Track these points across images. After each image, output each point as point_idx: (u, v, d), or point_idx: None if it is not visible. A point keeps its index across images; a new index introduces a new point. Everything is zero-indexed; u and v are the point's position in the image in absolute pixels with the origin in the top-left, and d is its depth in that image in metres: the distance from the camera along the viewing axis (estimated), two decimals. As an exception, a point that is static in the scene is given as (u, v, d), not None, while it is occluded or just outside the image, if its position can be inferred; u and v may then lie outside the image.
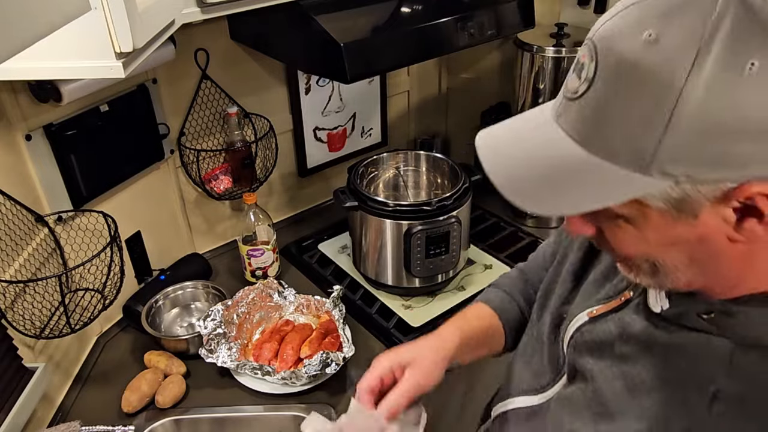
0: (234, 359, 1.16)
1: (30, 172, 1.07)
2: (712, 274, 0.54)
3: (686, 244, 0.52)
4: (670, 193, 0.47)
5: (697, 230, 0.50)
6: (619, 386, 0.62)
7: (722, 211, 0.48)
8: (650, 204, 0.49)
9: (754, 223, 0.48)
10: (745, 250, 0.51)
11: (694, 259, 0.53)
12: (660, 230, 0.51)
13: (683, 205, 0.48)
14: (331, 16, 1.12)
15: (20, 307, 1.00)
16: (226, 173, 1.48)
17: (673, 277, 0.55)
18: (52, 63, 0.83)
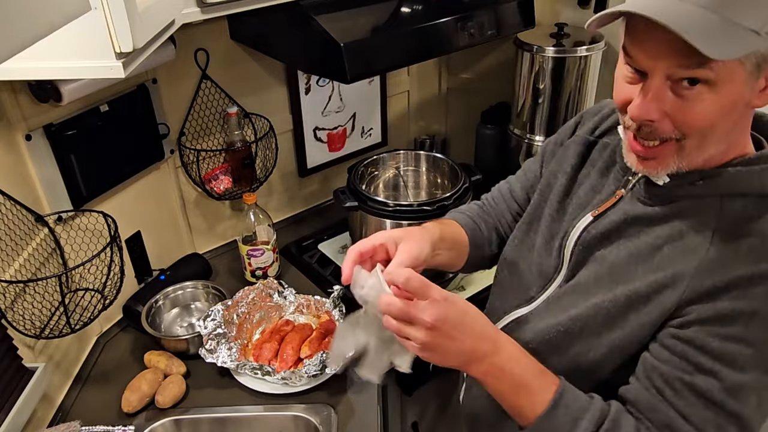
0: (234, 359, 1.16)
1: (30, 172, 1.07)
2: (729, 141, 0.67)
3: (740, 108, 0.63)
4: (763, 52, 0.59)
5: (750, 93, 0.62)
6: (632, 257, 0.72)
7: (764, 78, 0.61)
8: (745, 62, 0.60)
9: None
10: (748, 118, 0.66)
11: (736, 124, 0.65)
12: (734, 93, 0.61)
13: (762, 65, 0.61)
14: (331, 16, 1.12)
15: (20, 307, 1.00)
16: (226, 173, 1.48)
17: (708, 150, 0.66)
18: (52, 63, 0.83)
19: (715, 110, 0.62)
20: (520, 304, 0.87)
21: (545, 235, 0.87)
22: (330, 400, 1.13)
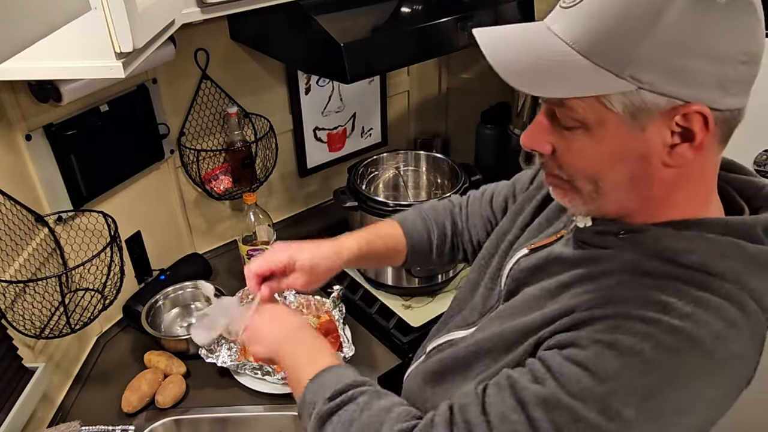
0: (234, 359, 1.16)
1: (30, 172, 1.07)
2: (642, 198, 0.60)
3: (630, 161, 0.57)
4: (631, 98, 0.53)
5: (641, 146, 0.56)
6: (543, 292, 0.69)
7: (665, 130, 0.54)
8: (612, 107, 0.54)
9: (686, 148, 0.55)
10: (673, 177, 0.58)
11: (633, 179, 0.58)
12: (612, 141, 0.56)
13: (637, 114, 0.54)
14: (331, 16, 1.12)
15: (20, 307, 1.00)
16: (226, 173, 1.48)
17: (609, 200, 0.61)
18: (52, 63, 0.83)
19: (593, 156, 0.58)
20: (460, 327, 0.84)
21: (498, 263, 0.84)
22: (330, 400, 1.13)
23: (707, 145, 0.55)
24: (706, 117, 0.53)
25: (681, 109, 0.53)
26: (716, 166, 0.62)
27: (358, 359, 1.18)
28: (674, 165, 0.56)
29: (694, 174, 0.59)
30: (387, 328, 1.31)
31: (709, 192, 0.62)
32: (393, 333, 1.29)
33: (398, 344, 1.26)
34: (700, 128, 0.53)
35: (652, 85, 0.52)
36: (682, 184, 0.59)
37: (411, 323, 1.31)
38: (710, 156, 0.59)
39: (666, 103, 0.53)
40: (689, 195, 0.60)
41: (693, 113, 0.53)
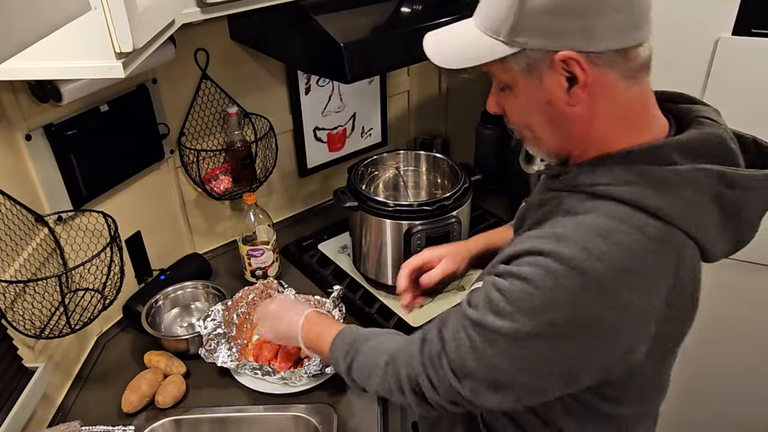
0: (234, 359, 1.16)
1: (30, 172, 1.07)
2: (567, 137, 0.71)
3: (542, 107, 0.69)
4: (521, 57, 0.66)
5: (545, 93, 0.68)
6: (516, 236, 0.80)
7: (557, 77, 0.66)
8: (513, 68, 0.68)
9: (578, 89, 0.66)
10: (585, 114, 0.68)
11: (551, 121, 0.70)
12: (525, 93, 0.70)
13: (531, 69, 0.67)
14: (331, 16, 1.12)
15: (20, 307, 1.00)
16: (226, 173, 1.48)
17: (544, 142, 0.74)
18: (52, 63, 0.83)
19: (517, 108, 0.73)
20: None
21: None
22: (330, 400, 1.13)
23: (602, 83, 0.65)
24: (578, 61, 0.63)
25: (557, 57, 0.64)
26: (639, 100, 0.69)
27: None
28: (575, 104, 0.67)
29: (605, 109, 0.68)
30: (387, 328, 1.31)
31: (637, 124, 0.69)
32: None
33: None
34: (579, 71, 0.64)
35: (529, 44, 0.65)
36: (596, 119, 0.68)
37: (411, 323, 1.31)
38: (616, 92, 0.67)
39: (544, 55, 0.65)
40: (610, 129, 0.69)
41: (568, 59, 0.64)
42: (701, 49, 1.33)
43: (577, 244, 0.63)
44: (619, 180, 0.66)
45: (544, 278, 0.64)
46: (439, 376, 0.74)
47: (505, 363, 0.68)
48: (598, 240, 0.63)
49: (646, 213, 0.64)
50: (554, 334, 0.65)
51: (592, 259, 0.62)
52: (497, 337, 0.68)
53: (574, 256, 0.63)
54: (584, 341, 0.65)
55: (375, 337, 0.89)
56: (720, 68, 1.32)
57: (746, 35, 1.27)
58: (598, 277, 0.62)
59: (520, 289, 0.65)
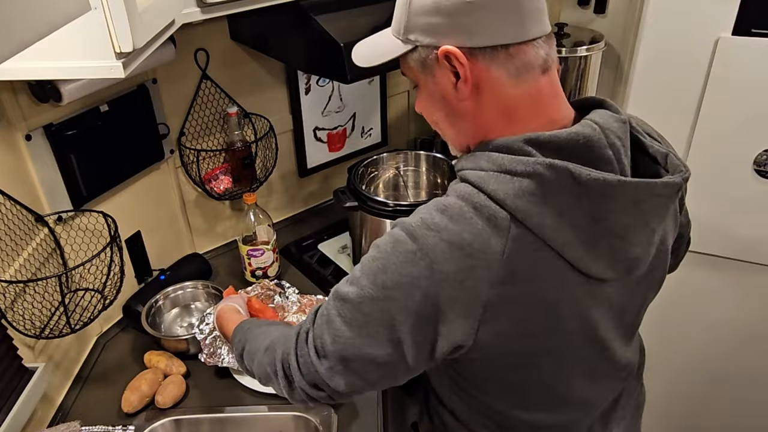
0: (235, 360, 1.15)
1: (30, 172, 1.07)
2: (463, 131, 0.76)
3: (438, 102, 0.75)
4: (415, 55, 0.73)
5: (438, 88, 0.73)
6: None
7: (445, 72, 0.71)
8: (412, 65, 0.75)
9: (462, 83, 0.70)
10: (472, 108, 0.73)
11: (449, 116, 0.76)
12: (426, 90, 0.76)
13: (424, 65, 0.73)
14: (331, 16, 1.12)
15: (20, 307, 1.00)
16: (226, 173, 1.48)
17: (448, 136, 0.80)
18: (52, 63, 0.83)
19: (424, 105, 0.79)
20: None
21: None
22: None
23: (484, 78, 0.69)
24: (456, 55, 0.68)
25: (440, 52, 0.69)
26: (529, 98, 0.71)
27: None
28: (462, 98, 0.71)
29: (491, 104, 0.71)
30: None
31: (523, 120, 0.71)
32: (393, 333, 1.29)
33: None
34: (459, 65, 0.69)
35: (417, 41, 0.72)
36: (483, 113, 0.72)
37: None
38: (500, 87, 0.70)
39: (431, 51, 0.71)
40: (495, 123, 0.72)
41: (449, 54, 0.69)
42: (701, 49, 1.33)
43: (419, 215, 0.69)
44: (474, 165, 0.70)
45: (387, 243, 0.70)
46: (304, 353, 0.77)
47: (349, 332, 0.71)
48: (435, 213, 0.68)
49: (487, 196, 0.67)
50: (384, 296, 0.68)
51: (425, 228, 0.67)
52: (345, 305, 0.72)
53: (411, 224, 0.68)
54: (406, 305, 0.68)
55: (268, 326, 0.93)
56: (720, 68, 1.32)
57: (746, 35, 1.27)
58: (427, 245, 0.66)
59: (370, 256, 0.71)
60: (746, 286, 1.53)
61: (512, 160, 0.66)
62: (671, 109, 1.42)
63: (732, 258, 1.51)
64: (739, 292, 1.55)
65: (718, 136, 1.38)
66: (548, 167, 0.64)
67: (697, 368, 1.72)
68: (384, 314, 0.69)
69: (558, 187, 0.64)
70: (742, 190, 1.41)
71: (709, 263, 1.53)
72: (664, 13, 1.33)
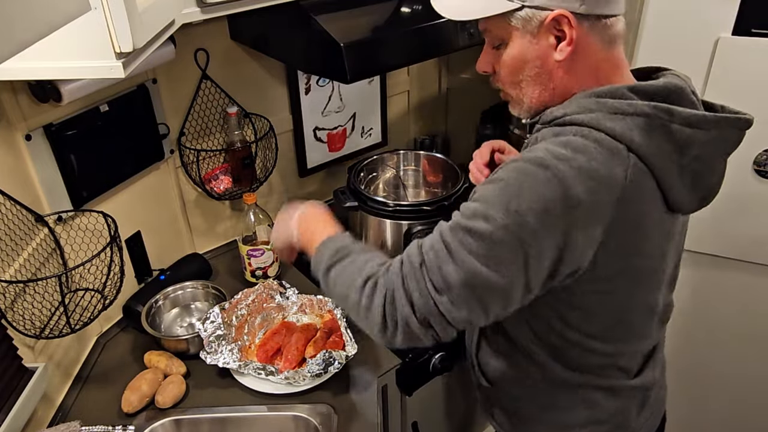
0: (236, 360, 1.16)
1: (30, 172, 1.07)
2: (548, 91, 0.81)
3: (533, 61, 0.79)
4: (521, 14, 0.76)
5: (538, 49, 0.78)
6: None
7: (548, 35, 0.77)
8: (511, 22, 0.78)
9: (564, 45, 0.76)
10: (564, 68, 0.79)
11: (538, 76, 0.80)
12: (518, 50, 0.80)
13: (527, 25, 0.77)
14: (331, 16, 1.12)
15: (20, 307, 1.00)
16: (226, 173, 1.48)
17: (529, 97, 0.83)
18: (52, 63, 0.83)
19: (509, 64, 0.81)
20: None
21: None
22: (330, 400, 1.13)
23: (583, 43, 0.76)
24: (569, 18, 0.74)
25: (551, 15, 0.74)
26: (610, 63, 0.80)
27: (360, 359, 1.18)
28: (561, 59, 0.77)
29: (582, 65, 0.79)
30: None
31: (605, 80, 0.80)
32: (393, 333, 1.29)
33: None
34: (568, 28, 0.75)
35: (527, 1, 0.75)
36: (573, 73, 0.79)
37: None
38: (592, 52, 0.78)
39: (539, 12, 0.75)
40: (583, 82, 0.80)
41: (560, 17, 0.74)
42: (701, 49, 1.33)
43: (543, 150, 0.74)
44: (582, 108, 0.77)
45: (513, 174, 0.73)
46: (420, 287, 0.76)
47: (477, 263, 0.72)
48: (560, 147, 0.73)
49: (603, 132, 0.74)
50: (518, 222, 0.71)
51: (554, 158, 0.72)
52: (472, 237, 0.73)
53: (539, 156, 0.73)
54: (538, 230, 0.71)
55: (364, 253, 0.87)
56: (720, 68, 1.32)
57: (746, 35, 1.27)
58: (559, 171, 0.71)
59: (492, 189, 0.74)
60: (746, 286, 1.53)
61: (621, 103, 0.75)
62: (671, 109, 1.42)
63: (732, 258, 1.51)
64: (739, 292, 1.55)
65: (718, 136, 1.38)
66: (653, 107, 0.74)
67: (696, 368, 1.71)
68: (516, 241, 0.71)
69: (661, 123, 0.74)
70: (742, 190, 1.40)
71: (709, 263, 1.53)
72: (664, 13, 1.33)
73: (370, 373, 1.19)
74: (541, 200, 0.71)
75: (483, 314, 0.76)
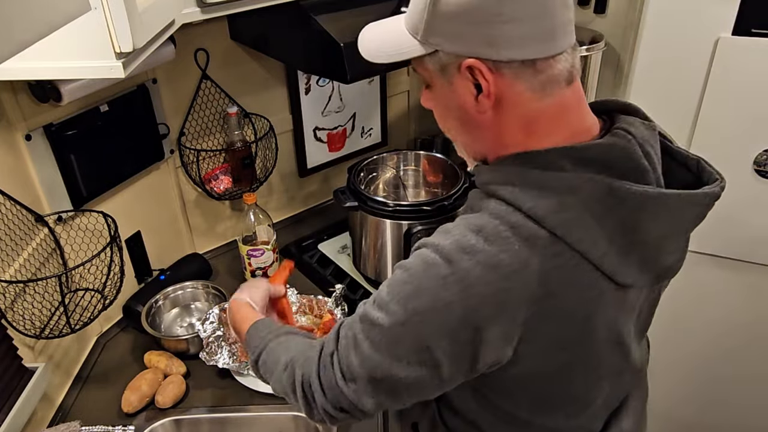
0: (236, 360, 1.16)
1: (30, 172, 1.07)
2: (479, 141, 0.74)
3: (455, 110, 0.72)
4: (434, 58, 0.69)
5: (456, 97, 0.70)
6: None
7: (466, 83, 0.67)
8: (429, 67, 0.71)
9: (483, 97, 0.67)
10: (491, 121, 0.69)
11: (464, 125, 0.73)
12: (440, 93, 0.73)
13: (444, 71, 0.69)
14: (331, 16, 1.12)
15: (20, 307, 1.00)
16: (226, 173, 1.48)
17: (461, 144, 0.77)
18: (52, 63, 0.83)
19: (437, 108, 0.76)
20: None
21: None
22: (330, 400, 1.13)
23: (507, 94, 0.66)
24: (480, 69, 0.65)
25: (463, 64, 0.66)
26: (553, 112, 0.68)
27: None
28: (482, 111, 0.68)
29: (512, 118, 0.68)
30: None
31: (546, 132, 0.69)
32: (393, 333, 1.29)
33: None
34: (483, 79, 0.65)
35: (440, 46, 0.67)
36: (503, 127, 0.69)
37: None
38: (522, 102, 0.67)
39: (454, 59, 0.67)
40: (516, 135, 0.70)
41: (473, 67, 0.65)
42: (701, 49, 1.33)
43: (454, 236, 0.66)
44: (504, 180, 0.68)
45: (419, 266, 0.67)
46: (328, 377, 0.74)
47: (378, 356, 0.69)
48: (470, 234, 0.65)
49: (523, 214, 0.64)
50: (416, 321, 0.66)
51: (460, 251, 0.64)
52: (373, 329, 0.69)
53: (445, 247, 0.65)
54: (440, 329, 0.66)
55: (287, 335, 0.87)
56: (720, 68, 1.32)
57: (746, 35, 1.27)
58: (463, 268, 0.63)
59: (399, 279, 0.68)
60: (746, 286, 1.53)
61: (548, 175, 0.65)
62: (671, 109, 1.42)
63: (732, 258, 1.51)
64: (739, 292, 1.55)
65: (718, 136, 1.38)
66: (587, 181, 0.64)
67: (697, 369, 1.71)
68: (416, 338, 0.67)
69: (596, 201, 0.64)
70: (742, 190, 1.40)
71: (709, 263, 1.53)
72: (664, 13, 1.33)
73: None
74: (441, 300, 0.64)
75: (395, 403, 0.73)
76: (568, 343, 0.71)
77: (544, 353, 0.70)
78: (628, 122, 0.70)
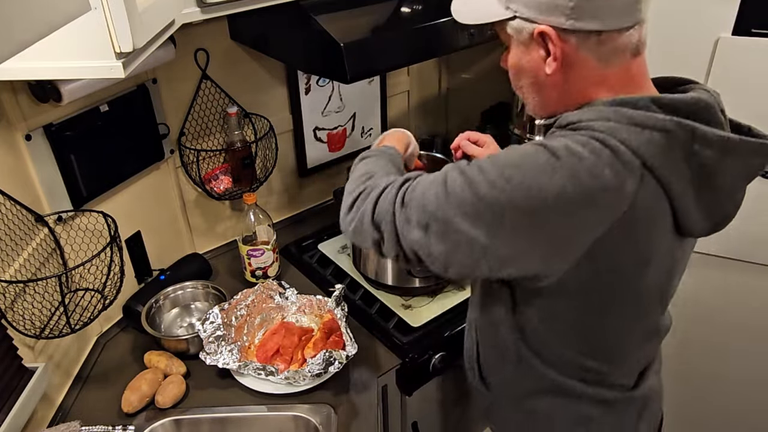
0: (236, 360, 1.16)
1: (30, 172, 1.07)
2: (550, 99, 0.81)
3: (527, 71, 0.79)
4: (514, 24, 0.77)
5: (529, 59, 0.78)
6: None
7: (537, 47, 0.76)
8: (508, 30, 0.78)
9: (551, 60, 0.75)
10: (559, 82, 0.77)
11: (535, 84, 0.80)
12: (516, 57, 0.80)
13: (519, 35, 0.77)
14: (331, 16, 1.12)
15: (20, 307, 1.00)
16: (226, 173, 1.48)
17: (531, 102, 0.83)
18: (52, 63, 0.83)
19: (511, 67, 0.82)
20: None
21: None
22: (331, 400, 1.13)
23: (573, 59, 0.74)
24: (550, 35, 0.72)
25: (536, 30, 0.73)
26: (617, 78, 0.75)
27: (359, 359, 1.18)
28: (550, 74, 0.76)
29: (580, 80, 0.76)
30: (387, 328, 1.31)
31: (617, 88, 0.76)
32: (393, 333, 1.29)
33: (398, 344, 1.26)
34: (552, 44, 0.73)
35: (518, 12, 0.75)
36: (572, 88, 0.77)
37: (411, 323, 1.31)
38: (587, 68, 0.75)
39: (528, 25, 0.75)
40: (588, 92, 0.77)
41: (544, 33, 0.73)
42: (701, 49, 1.33)
43: (561, 142, 0.72)
44: (599, 116, 0.73)
45: (526, 150, 0.74)
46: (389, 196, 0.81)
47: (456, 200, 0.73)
48: (578, 145, 0.71)
49: (619, 141, 0.70)
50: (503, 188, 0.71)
51: (568, 152, 0.70)
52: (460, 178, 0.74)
53: (554, 145, 0.71)
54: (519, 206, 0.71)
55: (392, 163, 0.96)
56: (720, 68, 1.32)
57: (746, 35, 1.27)
58: (568, 164, 0.69)
59: (502, 153, 0.75)
60: (747, 287, 1.53)
61: (641, 114, 0.71)
62: (671, 109, 1.42)
63: (732, 258, 1.51)
64: (740, 293, 1.55)
65: (718, 136, 1.38)
66: (677, 124, 0.70)
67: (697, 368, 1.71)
68: (494, 203, 0.71)
69: (682, 142, 0.70)
70: (742, 190, 1.41)
71: (709, 263, 1.53)
72: (664, 13, 1.33)
73: (370, 373, 1.19)
74: (536, 182, 0.70)
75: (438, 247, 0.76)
76: (625, 274, 0.77)
77: (597, 277, 0.76)
78: (701, 85, 0.78)
